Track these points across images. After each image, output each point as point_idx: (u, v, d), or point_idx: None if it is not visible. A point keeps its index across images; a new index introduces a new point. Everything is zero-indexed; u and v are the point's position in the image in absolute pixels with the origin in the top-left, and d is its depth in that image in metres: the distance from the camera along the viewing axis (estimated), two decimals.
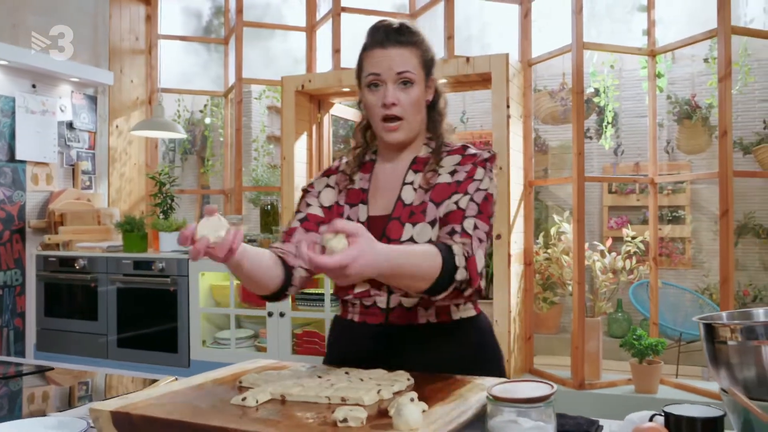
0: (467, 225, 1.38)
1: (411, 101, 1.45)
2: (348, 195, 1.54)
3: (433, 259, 1.24)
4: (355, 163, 1.57)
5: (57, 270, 4.17)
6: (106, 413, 1.09)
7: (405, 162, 1.53)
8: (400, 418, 0.96)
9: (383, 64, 1.44)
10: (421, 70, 1.47)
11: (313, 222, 1.53)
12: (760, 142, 5.86)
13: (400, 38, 1.45)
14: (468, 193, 1.42)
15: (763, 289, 5.82)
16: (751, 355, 1.01)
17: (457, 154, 1.50)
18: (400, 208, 1.47)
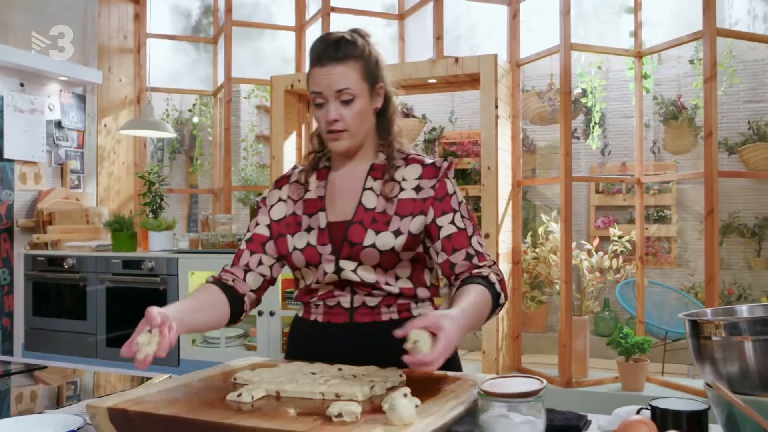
0: (476, 245, 1.50)
1: (353, 115, 1.47)
2: (305, 204, 1.56)
3: (488, 301, 1.40)
4: (310, 168, 1.60)
5: (45, 269, 4.16)
6: (103, 410, 1.10)
7: (362, 168, 1.56)
8: (394, 413, 0.98)
9: (322, 83, 1.46)
10: (363, 82, 1.48)
11: (257, 243, 1.58)
12: (745, 142, 5.92)
13: (336, 54, 1.45)
14: (455, 210, 1.50)
15: (747, 287, 5.89)
16: (734, 350, 1.04)
17: (416, 163, 1.54)
18: (361, 212, 1.50)
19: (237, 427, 1.00)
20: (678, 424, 0.95)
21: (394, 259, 1.48)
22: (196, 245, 3.95)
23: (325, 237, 1.51)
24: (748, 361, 1.04)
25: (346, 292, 1.52)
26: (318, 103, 1.48)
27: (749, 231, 5.97)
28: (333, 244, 1.50)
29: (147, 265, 3.83)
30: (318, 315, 1.57)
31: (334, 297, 1.53)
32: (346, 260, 1.48)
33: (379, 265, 1.48)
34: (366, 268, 1.48)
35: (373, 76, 1.50)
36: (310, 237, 1.52)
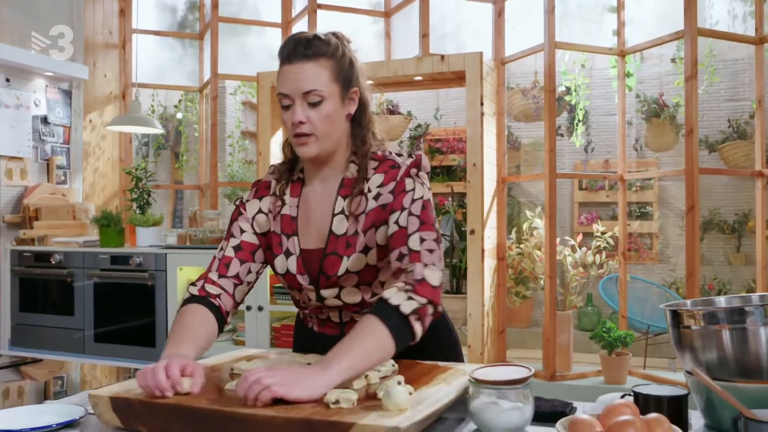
0: (412, 243, 1.34)
1: (321, 118, 1.37)
2: (282, 223, 1.49)
3: (378, 332, 1.22)
4: (284, 180, 1.51)
5: (32, 265, 4.15)
6: (106, 399, 1.13)
7: (333, 184, 1.46)
8: (390, 400, 1.03)
9: (290, 84, 1.37)
10: (334, 84, 1.38)
11: (247, 251, 1.49)
12: (725, 140, 6.02)
13: (306, 51, 1.37)
14: (405, 207, 1.38)
15: (727, 282, 5.99)
16: (712, 338, 1.10)
17: (381, 172, 1.43)
18: (333, 241, 1.42)
19: (238, 415, 1.04)
20: (659, 409, 1.00)
21: (372, 272, 1.43)
22: (184, 241, 3.97)
23: (301, 266, 1.45)
24: (726, 349, 1.09)
25: (335, 310, 1.50)
26: (285, 105, 1.39)
27: (729, 227, 6.08)
28: (310, 275, 1.45)
29: (135, 260, 3.85)
30: (313, 324, 1.57)
31: (323, 312, 1.52)
32: (326, 289, 1.45)
33: (360, 282, 1.44)
34: (348, 291, 1.44)
35: (346, 78, 1.41)
36: (289, 263, 1.46)
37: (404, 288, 1.26)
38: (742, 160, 5.82)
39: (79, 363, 1.80)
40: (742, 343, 1.08)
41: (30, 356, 1.83)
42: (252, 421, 1.03)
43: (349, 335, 1.23)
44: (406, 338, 1.24)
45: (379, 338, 1.21)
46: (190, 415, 1.07)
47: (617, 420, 0.87)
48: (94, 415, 1.20)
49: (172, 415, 1.08)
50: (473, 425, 1.13)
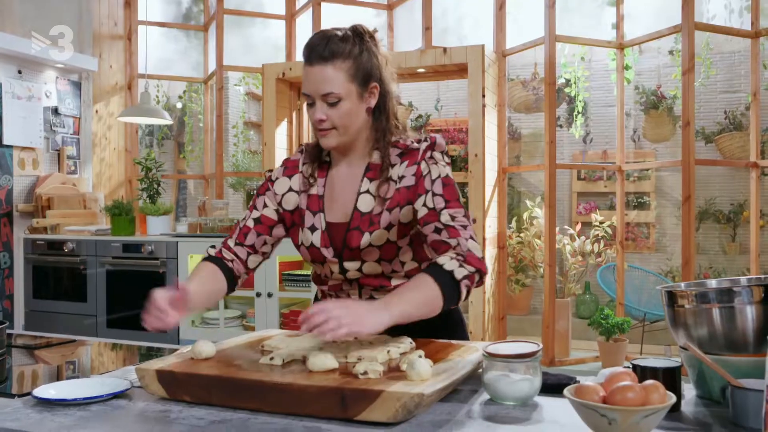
0: (444, 219, 1.45)
1: (340, 116, 1.47)
2: (309, 200, 1.59)
3: (432, 290, 1.35)
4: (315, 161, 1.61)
5: (45, 253, 4.25)
6: (152, 372, 1.24)
7: (358, 169, 1.57)
8: (413, 371, 1.14)
9: (309, 86, 1.47)
10: (350, 83, 1.47)
11: (266, 225, 1.61)
12: (722, 131, 6.13)
13: (323, 54, 1.45)
14: (428, 190, 1.48)
15: (722, 271, 6.12)
16: (704, 316, 1.21)
17: (405, 159, 1.53)
18: (357, 217, 1.53)
19: (276, 384, 1.15)
20: (655, 378, 1.11)
21: (393, 248, 1.53)
22: (194, 229, 4.07)
23: (326, 239, 1.55)
24: (716, 326, 1.20)
25: (354, 288, 1.60)
26: (308, 102, 1.50)
27: (724, 217, 6.20)
28: (334, 247, 1.55)
29: (147, 248, 3.95)
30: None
31: (343, 290, 1.61)
32: (349, 261, 1.55)
33: (381, 258, 1.54)
34: (370, 265, 1.54)
35: (364, 76, 1.49)
36: (314, 237, 1.56)
37: (456, 257, 1.40)
38: (738, 151, 5.93)
39: (93, 344, 1.91)
40: (731, 321, 1.19)
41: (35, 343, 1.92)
42: (288, 390, 1.13)
43: (406, 286, 1.38)
44: (453, 300, 1.38)
45: (432, 295, 1.35)
46: (231, 385, 1.18)
47: (618, 385, 0.99)
48: (138, 388, 1.31)
49: (214, 385, 1.19)
50: (486, 395, 1.25)
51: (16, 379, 1.54)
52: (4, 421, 1.13)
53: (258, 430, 1.08)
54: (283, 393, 1.14)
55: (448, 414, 1.15)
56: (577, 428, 1.04)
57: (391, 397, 1.06)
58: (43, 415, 1.17)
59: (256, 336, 1.61)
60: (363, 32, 1.52)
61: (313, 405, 1.12)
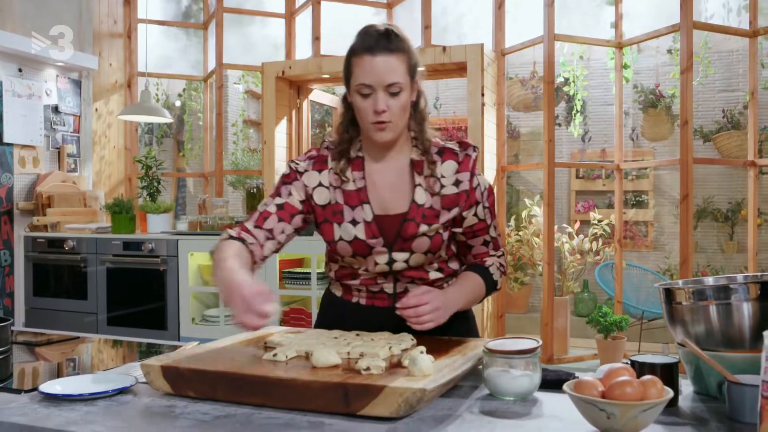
0: (492, 232, 1.66)
1: (399, 107, 1.51)
2: (345, 195, 1.59)
3: (482, 290, 1.64)
4: (343, 158, 1.60)
5: (45, 251, 4.27)
6: (157, 368, 1.26)
7: (399, 163, 1.60)
8: (415, 366, 1.15)
9: (373, 75, 1.48)
10: (407, 76, 1.51)
11: (288, 212, 1.59)
12: (720, 130, 6.16)
13: (389, 45, 1.48)
14: (479, 201, 1.60)
15: (720, 270, 6.14)
16: (701, 313, 1.23)
17: (453, 160, 1.58)
18: (414, 209, 1.56)
19: (280, 379, 1.16)
20: (653, 374, 1.13)
21: (439, 242, 1.59)
22: (194, 227, 4.08)
23: (374, 230, 1.56)
24: (713, 322, 1.22)
25: (389, 280, 1.62)
26: (365, 93, 1.50)
27: (722, 215, 6.23)
28: (384, 237, 1.57)
29: (147, 246, 3.96)
30: (361, 298, 1.66)
31: (377, 284, 1.62)
32: (399, 252, 1.57)
33: (429, 250, 1.58)
34: (417, 256, 1.58)
35: (413, 71, 1.54)
36: (356, 230, 1.56)
37: (500, 268, 1.68)
38: (735, 150, 5.95)
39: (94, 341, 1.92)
40: (727, 317, 1.21)
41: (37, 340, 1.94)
42: (292, 386, 1.15)
43: (463, 283, 1.61)
44: (487, 297, 1.68)
45: (480, 293, 1.64)
46: (235, 380, 1.20)
47: (616, 380, 1.00)
48: (143, 383, 1.33)
49: (219, 381, 1.21)
50: (486, 391, 1.27)
51: (20, 376, 1.56)
52: (12, 416, 1.15)
53: (262, 424, 1.10)
54: (286, 388, 1.16)
55: (449, 409, 1.16)
56: (577, 423, 1.06)
57: (393, 393, 1.08)
58: (50, 410, 1.19)
59: (255, 334, 1.62)
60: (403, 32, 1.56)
61: (317, 400, 1.13)
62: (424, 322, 1.43)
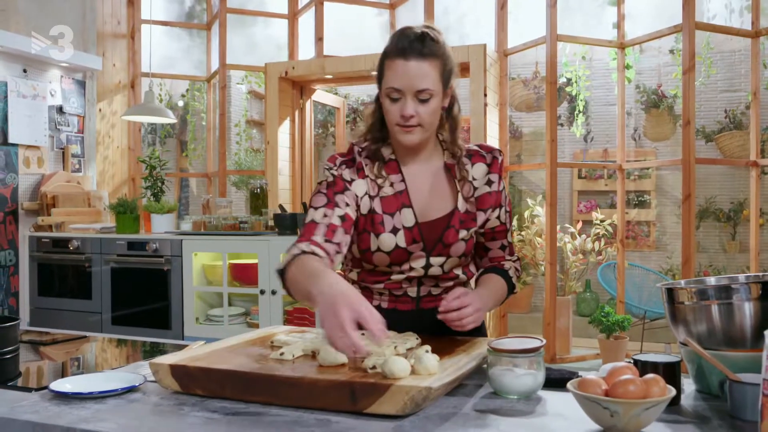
0: (509, 237, 1.70)
1: (428, 113, 1.49)
2: (383, 203, 1.56)
3: (504, 293, 1.67)
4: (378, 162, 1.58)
5: (50, 251, 4.29)
6: (166, 366, 1.27)
7: (433, 167, 1.60)
8: (421, 365, 1.17)
9: (404, 80, 1.46)
10: (440, 83, 1.49)
11: (350, 224, 1.53)
12: (722, 130, 6.17)
13: (423, 50, 1.46)
14: (501, 205, 1.63)
15: (722, 269, 6.15)
16: (703, 313, 1.24)
17: (482, 162, 1.60)
18: (457, 215, 1.58)
19: (287, 378, 1.18)
20: (655, 372, 1.14)
21: (471, 245, 1.62)
22: (198, 227, 4.10)
23: (415, 235, 1.55)
24: (714, 322, 1.24)
25: (413, 284, 1.62)
26: (393, 97, 1.48)
27: (724, 215, 6.23)
28: (425, 243, 1.57)
29: (152, 246, 3.98)
30: (383, 301, 1.64)
31: (401, 288, 1.62)
32: (437, 257, 1.58)
33: (464, 254, 1.60)
34: (452, 261, 1.60)
35: (448, 77, 1.52)
36: (398, 239, 1.54)
37: (516, 271, 1.70)
38: (737, 150, 5.96)
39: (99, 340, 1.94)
40: (729, 317, 1.22)
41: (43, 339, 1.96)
42: (299, 384, 1.17)
43: (490, 285, 1.63)
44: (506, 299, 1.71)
45: (502, 296, 1.66)
46: (243, 379, 1.21)
47: (620, 379, 1.02)
48: (151, 382, 1.34)
49: (227, 379, 1.23)
50: (490, 389, 1.28)
51: (27, 374, 1.58)
52: (24, 414, 1.17)
53: (271, 422, 1.11)
54: (294, 387, 1.17)
55: (454, 407, 1.18)
56: (580, 421, 1.08)
57: (399, 391, 1.09)
58: (61, 408, 1.20)
59: (261, 333, 1.64)
60: (441, 33, 1.54)
61: (324, 398, 1.15)
62: (467, 324, 1.46)
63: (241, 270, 3.90)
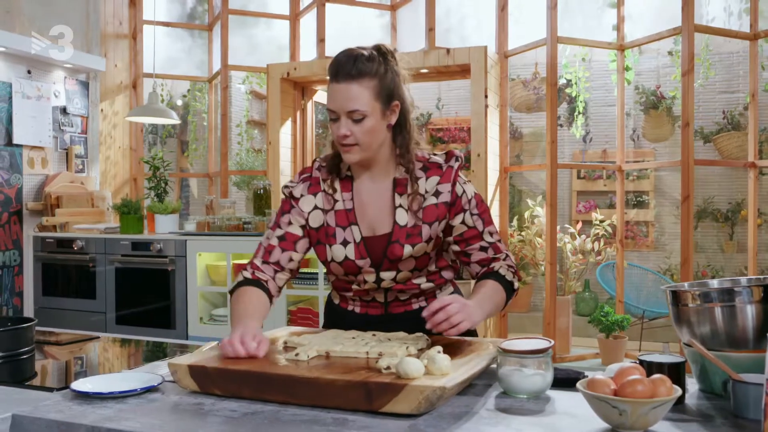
0: (487, 237, 1.66)
1: (363, 132, 1.52)
2: (336, 216, 1.64)
3: (500, 290, 1.63)
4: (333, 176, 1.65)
5: (54, 251, 4.32)
6: (184, 367, 1.31)
7: (385, 183, 1.64)
8: (435, 365, 1.21)
9: (336, 102, 1.52)
10: (376, 102, 1.52)
11: (290, 241, 1.66)
12: (720, 131, 6.21)
13: (351, 72, 1.50)
14: (465, 209, 1.62)
15: (720, 269, 6.20)
16: (707, 315, 1.28)
17: (436, 174, 1.61)
18: (397, 230, 1.60)
19: (304, 378, 1.21)
20: (661, 373, 1.18)
21: (426, 258, 1.64)
22: (202, 228, 4.13)
23: (362, 251, 1.62)
24: (718, 324, 1.28)
25: (380, 292, 1.68)
26: (332, 117, 1.55)
27: (722, 216, 6.28)
28: (372, 258, 1.62)
29: (156, 246, 4.01)
30: (355, 306, 1.73)
31: (369, 294, 1.69)
32: (386, 271, 1.63)
33: (415, 267, 1.64)
34: (404, 273, 1.64)
35: (388, 94, 1.54)
36: (347, 251, 1.62)
37: (509, 269, 1.67)
38: (736, 151, 6.00)
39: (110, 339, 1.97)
40: (732, 319, 1.26)
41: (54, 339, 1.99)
42: (316, 384, 1.20)
43: (484, 291, 1.60)
44: (507, 302, 1.67)
45: (501, 297, 1.63)
46: (260, 379, 1.25)
47: (628, 379, 1.06)
48: (169, 382, 1.38)
49: (244, 379, 1.26)
50: (500, 389, 1.32)
51: (47, 374, 1.61)
52: (49, 413, 1.20)
53: (289, 421, 1.15)
54: (310, 386, 1.21)
55: (466, 406, 1.22)
56: (589, 419, 1.12)
57: (414, 390, 1.13)
58: (84, 407, 1.24)
59: (275, 333, 1.67)
60: (386, 52, 1.57)
61: (339, 397, 1.18)
62: (457, 322, 1.42)
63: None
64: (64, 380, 1.52)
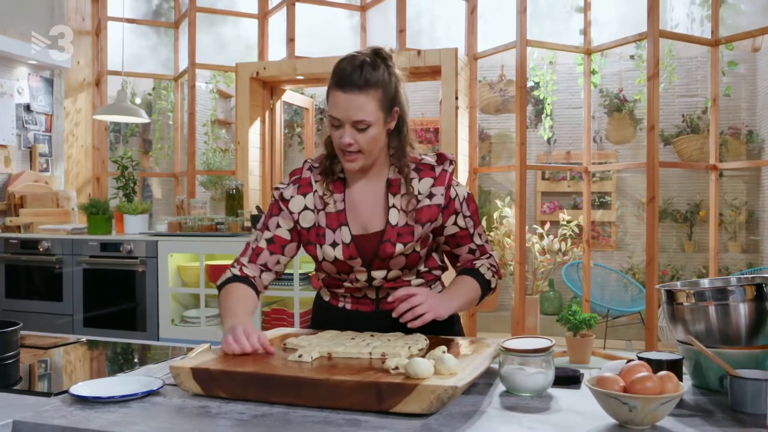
0: (476, 240, 1.72)
1: (367, 140, 1.54)
2: (327, 218, 1.65)
3: (474, 286, 1.69)
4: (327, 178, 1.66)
5: (18, 252, 4.21)
6: (187, 369, 1.30)
7: (378, 184, 1.65)
8: (443, 365, 1.22)
9: (341, 112, 1.52)
10: (380, 111, 1.53)
11: (278, 245, 1.69)
12: (680, 134, 6.39)
13: (358, 82, 1.49)
14: (458, 211, 1.66)
15: (680, 268, 6.37)
16: (701, 313, 1.33)
17: (429, 176, 1.63)
18: (389, 230, 1.61)
19: (312, 379, 1.22)
20: (660, 369, 1.22)
21: (417, 257, 1.66)
22: (174, 228, 4.08)
23: (353, 251, 1.63)
24: (712, 321, 1.32)
25: (372, 289, 1.70)
26: (335, 125, 1.55)
27: (682, 216, 6.45)
28: (363, 257, 1.63)
29: (126, 247, 3.94)
30: (346, 303, 1.75)
31: (360, 291, 1.71)
32: (378, 270, 1.65)
33: (406, 266, 1.66)
34: (395, 272, 1.66)
35: (390, 102, 1.56)
36: (336, 252, 1.63)
37: (490, 268, 1.74)
38: (695, 153, 6.18)
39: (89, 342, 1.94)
40: (725, 317, 1.31)
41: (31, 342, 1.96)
42: (324, 385, 1.21)
43: (457, 286, 1.67)
44: (482, 298, 1.73)
45: (475, 294, 1.69)
46: (267, 381, 1.25)
47: (637, 376, 1.09)
48: (170, 385, 1.37)
49: (250, 381, 1.26)
50: (502, 387, 1.34)
51: (34, 378, 1.58)
52: (53, 419, 1.18)
53: (300, 422, 1.15)
54: (319, 387, 1.21)
55: (472, 405, 1.24)
56: (595, 416, 1.15)
57: (426, 390, 1.14)
58: (87, 412, 1.22)
59: (276, 332, 1.67)
60: (386, 56, 1.57)
61: (349, 398, 1.19)
62: (420, 313, 1.51)
63: (218, 271, 3.90)
64: (59, 385, 1.48)
